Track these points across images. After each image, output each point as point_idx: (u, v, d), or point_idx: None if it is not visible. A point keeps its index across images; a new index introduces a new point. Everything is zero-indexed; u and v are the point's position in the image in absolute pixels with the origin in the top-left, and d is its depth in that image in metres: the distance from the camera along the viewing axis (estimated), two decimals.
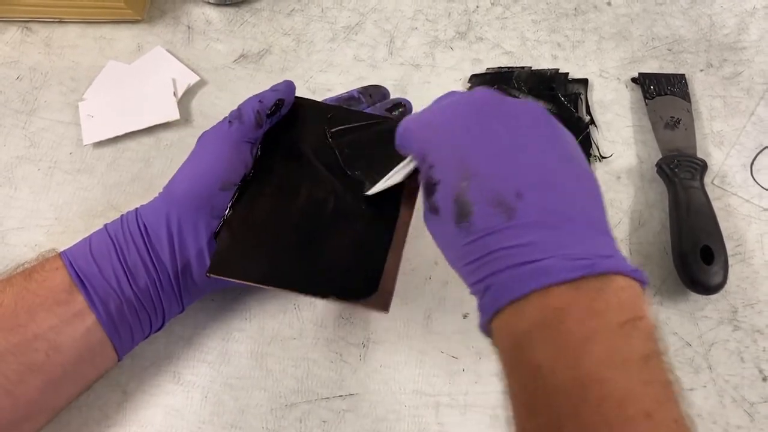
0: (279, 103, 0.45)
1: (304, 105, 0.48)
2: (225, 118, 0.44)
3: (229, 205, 0.43)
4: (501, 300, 0.30)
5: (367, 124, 0.47)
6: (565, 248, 0.29)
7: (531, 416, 0.28)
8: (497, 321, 0.31)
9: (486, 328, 0.32)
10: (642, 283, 0.30)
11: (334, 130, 0.47)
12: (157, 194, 0.44)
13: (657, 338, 0.28)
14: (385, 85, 0.52)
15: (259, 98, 0.44)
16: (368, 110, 0.50)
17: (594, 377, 0.27)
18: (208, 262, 0.42)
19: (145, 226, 0.42)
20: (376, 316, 0.49)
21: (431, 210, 0.34)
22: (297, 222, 0.44)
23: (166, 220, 0.41)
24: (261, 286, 0.42)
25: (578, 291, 0.28)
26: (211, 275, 0.42)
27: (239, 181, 0.44)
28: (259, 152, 0.46)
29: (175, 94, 0.58)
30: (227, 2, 0.64)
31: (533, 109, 0.35)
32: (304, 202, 0.45)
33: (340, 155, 0.46)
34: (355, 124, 0.47)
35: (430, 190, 0.34)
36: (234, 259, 0.42)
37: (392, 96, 0.52)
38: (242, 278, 0.42)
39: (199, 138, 0.44)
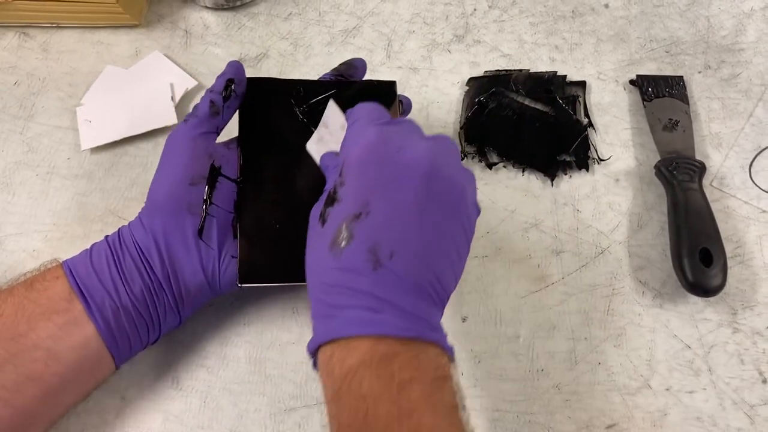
0: (229, 84, 0.45)
1: (272, 87, 0.48)
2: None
3: (204, 200, 0.43)
4: (340, 331, 0.33)
5: (335, 92, 0.48)
6: (404, 311, 0.34)
7: None
8: (329, 347, 0.34)
9: (314, 348, 0.35)
10: (451, 357, 0.35)
11: (304, 107, 0.48)
12: None
13: (461, 396, 0.34)
14: None
15: (209, 89, 0.45)
16: None
17: (412, 410, 0.31)
18: (195, 260, 0.42)
19: (136, 238, 0.42)
20: None
21: (320, 218, 0.37)
22: (304, 211, 0.44)
23: (150, 228, 0.42)
24: (293, 284, 0.43)
25: (404, 346, 0.33)
26: (243, 285, 0.43)
27: (207, 174, 0.44)
28: (242, 153, 0.46)
29: (173, 98, 0.58)
30: (225, 6, 0.64)
31: (463, 186, 0.37)
32: (303, 190, 0.45)
33: (313, 129, 0.46)
34: (323, 96, 0.48)
35: (330, 200, 0.37)
36: (259, 264, 0.43)
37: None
38: (273, 281, 0.43)
39: (165, 143, 0.45)
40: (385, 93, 0.49)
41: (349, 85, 0.49)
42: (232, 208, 0.44)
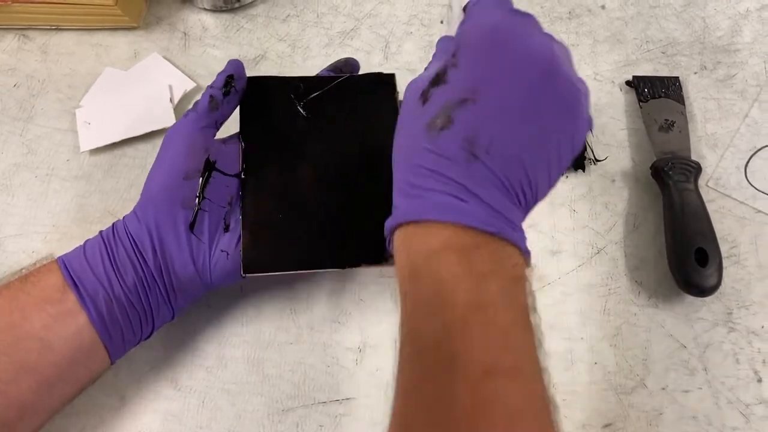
0: (229, 80, 0.46)
1: (272, 84, 0.48)
2: None
3: (198, 194, 0.44)
4: (426, 213, 0.33)
5: (334, 85, 0.49)
6: (490, 207, 0.32)
7: (429, 317, 0.31)
8: (411, 226, 0.33)
9: (394, 225, 0.34)
10: (528, 259, 0.34)
11: (304, 101, 0.48)
12: None
13: (534, 299, 0.33)
14: None
15: (209, 85, 0.46)
16: None
17: (488, 303, 0.31)
18: (187, 253, 0.43)
19: (129, 230, 0.42)
20: (372, 320, 0.49)
21: (422, 96, 0.35)
22: (306, 202, 0.45)
23: (144, 221, 0.42)
24: (296, 272, 0.44)
25: (487, 239, 0.32)
26: (247, 275, 0.43)
27: (202, 168, 0.44)
28: (243, 147, 0.46)
29: (171, 100, 0.58)
30: (223, 8, 0.65)
31: (575, 95, 0.35)
32: (305, 182, 0.46)
33: (317, 125, 0.48)
34: (324, 90, 0.49)
35: (436, 80, 0.35)
36: (263, 254, 0.43)
37: None
38: (276, 269, 0.44)
39: (163, 138, 0.45)
40: (384, 86, 0.50)
41: (348, 79, 0.50)
42: (224, 203, 0.45)
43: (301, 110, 0.48)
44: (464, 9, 0.40)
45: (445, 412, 0.29)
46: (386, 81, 0.50)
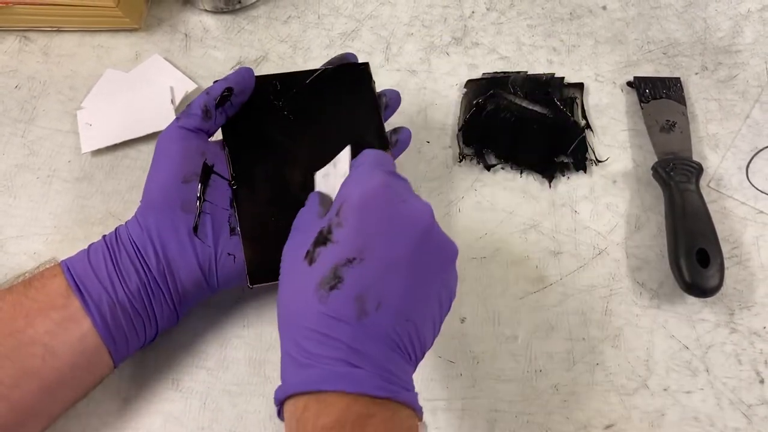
0: (226, 93, 0.45)
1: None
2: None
3: (198, 198, 0.44)
4: (317, 384, 0.33)
5: (311, 80, 0.49)
6: (382, 369, 0.33)
7: None
8: (302, 398, 0.34)
9: (284, 396, 0.35)
10: (420, 417, 0.35)
11: (283, 100, 0.48)
12: None
13: None
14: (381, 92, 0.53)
15: (206, 90, 0.46)
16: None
17: None
18: (190, 257, 0.43)
19: (132, 236, 0.42)
20: None
21: (307, 256, 0.36)
22: (300, 205, 0.45)
23: (145, 226, 0.42)
24: None
25: (380, 406, 0.33)
26: (254, 286, 0.43)
27: (200, 171, 0.44)
28: (229, 153, 0.46)
29: (172, 101, 0.58)
30: (224, 10, 0.65)
31: (451, 252, 0.38)
32: (296, 184, 0.46)
33: (299, 122, 0.48)
34: (301, 86, 0.49)
35: (321, 241, 0.36)
36: (267, 263, 0.43)
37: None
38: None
39: (157, 142, 0.45)
40: (359, 75, 0.50)
41: (323, 72, 0.50)
42: (227, 205, 0.45)
43: (281, 109, 0.48)
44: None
45: None
46: (361, 70, 0.50)
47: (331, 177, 0.43)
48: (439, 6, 0.66)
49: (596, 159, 0.56)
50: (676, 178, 0.52)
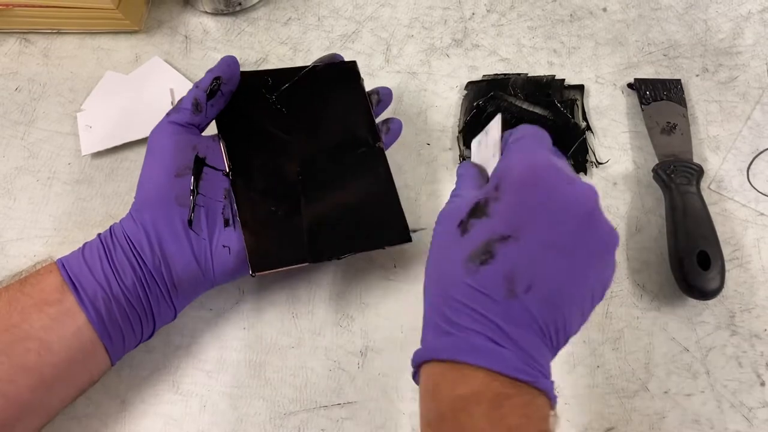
0: (215, 83, 0.46)
1: (245, 79, 0.49)
2: None
3: (192, 191, 0.44)
4: (458, 354, 0.32)
5: (302, 76, 0.50)
6: (524, 351, 0.32)
7: None
8: (439, 365, 0.33)
9: (421, 360, 0.34)
10: (554, 407, 0.34)
11: (276, 94, 0.49)
12: None
13: None
14: None
15: (195, 84, 0.46)
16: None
17: None
18: (186, 250, 0.43)
19: (127, 232, 0.42)
20: (374, 324, 0.49)
21: (461, 225, 0.35)
22: (299, 193, 0.46)
23: (140, 222, 0.42)
24: (302, 265, 0.44)
25: (518, 389, 0.32)
26: (255, 274, 0.43)
27: (192, 164, 0.44)
28: (225, 145, 0.46)
29: (172, 103, 0.58)
30: (224, 12, 0.65)
31: (611, 240, 0.35)
32: (292, 173, 0.47)
33: (292, 116, 0.49)
34: (292, 81, 0.50)
35: (477, 211, 0.35)
36: (267, 252, 0.44)
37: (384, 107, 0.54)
38: (284, 264, 0.44)
39: (149, 138, 0.46)
40: (348, 72, 0.52)
41: (314, 69, 0.51)
42: (220, 196, 0.45)
43: (274, 103, 0.49)
44: (501, 139, 0.41)
45: None
46: (350, 68, 0.52)
47: (482, 145, 0.43)
48: (439, 8, 0.66)
49: (597, 161, 0.56)
50: (677, 180, 0.52)
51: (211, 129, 0.48)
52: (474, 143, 0.45)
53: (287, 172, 0.47)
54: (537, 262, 0.33)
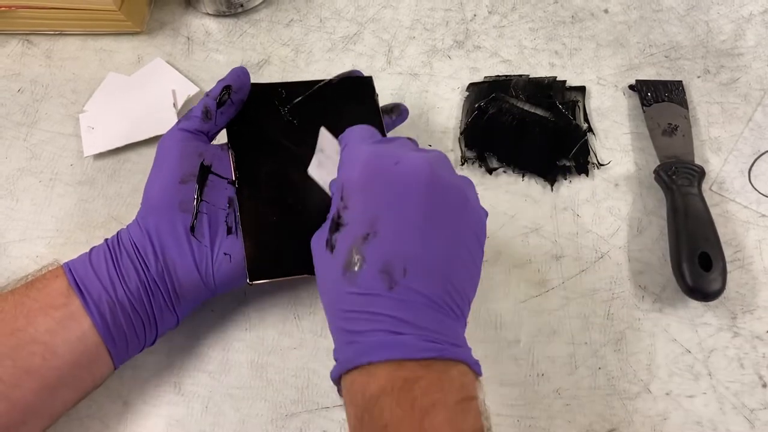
0: (225, 91, 0.46)
1: (256, 91, 0.49)
2: None
3: (195, 198, 0.44)
4: (360, 358, 0.33)
5: (316, 89, 0.50)
6: (425, 330, 0.33)
7: None
8: (350, 374, 0.34)
9: (336, 376, 0.35)
10: (478, 373, 0.35)
11: (289, 106, 0.49)
12: None
13: (486, 417, 0.33)
14: (382, 95, 0.53)
15: (207, 93, 0.47)
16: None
17: None
18: (188, 257, 0.43)
19: (132, 237, 0.43)
20: None
21: (327, 245, 0.37)
22: (302, 207, 0.46)
23: (145, 227, 0.43)
24: (300, 276, 0.44)
25: (427, 368, 0.33)
26: (253, 283, 0.43)
27: (197, 172, 0.45)
28: (234, 154, 0.46)
29: (175, 105, 0.58)
30: (226, 13, 0.65)
31: (461, 192, 0.37)
32: (298, 185, 0.46)
33: (303, 129, 0.49)
34: (306, 94, 0.50)
35: (334, 228, 0.37)
36: (266, 261, 0.44)
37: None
38: (282, 275, 0.44)
39: (157, 146, 0.46)
40: (362, 88, 0.51)
41: (328, 84, 0.51)
42: (224, 204, 0.45)
43: (286, 115, 0.49)
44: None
45: None
46: (365, 83, 0.52)
47: (324, 164, 0.43)
48: (440, 9, 0.66)
49: (598, 162, 0.56)
50: (679, 182, 0.52)
51: (221, 138, 0.48)
52: (312, 168, 0.44)
53: (293, 184, 0.46)
54: (402, 246, 0.34)
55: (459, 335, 0.35)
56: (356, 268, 0.34)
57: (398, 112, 0.53)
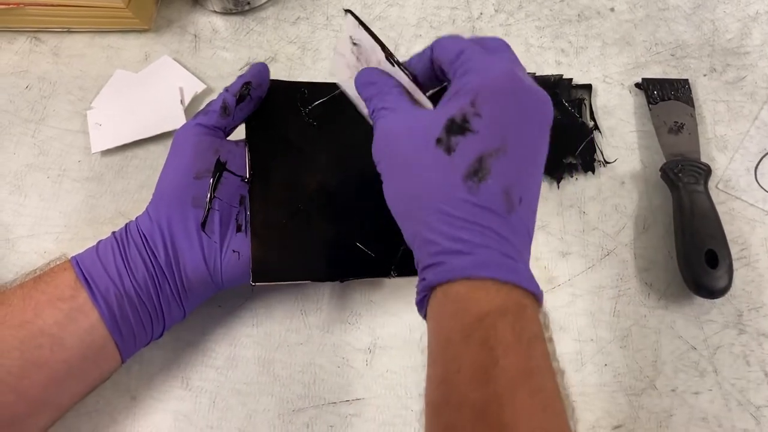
0: (245, 87, 0.46)
1: (278, 88, 0.48)
2: None
3: (207, 202, 0.44)
4: (481, 271, 0.32)
5: (340, 92, 0.49)
6: (527, 264, 0.34)
7: (477, 386, 0.30)
8: (456, 285, 0.33)
9: (437, 282, 0.33)
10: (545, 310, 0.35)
11: (309, 108, 0.49)
12: None
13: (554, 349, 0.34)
14: None
15: (226, 88, 0.46)
16: None
17: (537, 369, 0.31)
18: (198, 252, 0.43)
19: (141, 228, 0.43)
20: (381, 321, 0.49)
21: (440, 143, 0.34)
22: (314, 211, 0.45)
23: (156, 219, 0.43)
24: (303, 282, 0.44)
25: (530, 300, 0.33)
26: (256, 284, 0.43)
27: (212, 168, 0.45)
28: (249, 152, 0.46)
29: (182, 102, 0.58)
30: (233, 11, 0.65)
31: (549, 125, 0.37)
32: (312, 190, 0.46)
33: (322, 133, 0.48)
34: (328, 96, 0.49)
35: (457, 130, 0.34)
36: (271, 263, 0.44)
37: None
38: (285, 279, 0.44)
39: (173, 138, 0.46)
40: None
41: None
42: (236, 202, 0.45)
43: (306, 117, 0.48)
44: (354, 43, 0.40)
45: None
46: None
47: (358, 55, 0.42)
48: (447, 7, 0.66)
49: (604, 160, 0.56)
50: (685, 180, 0.52)
51: (237, 134, 0.48)
52: (339, 56, 0.41)
53: (306, 187, 0.46)
54: (525, 174, 0.34)
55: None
56: (480, 180, 0.33)
57: None
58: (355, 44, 0.42)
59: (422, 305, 0.35)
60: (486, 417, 0.29)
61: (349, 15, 0.41)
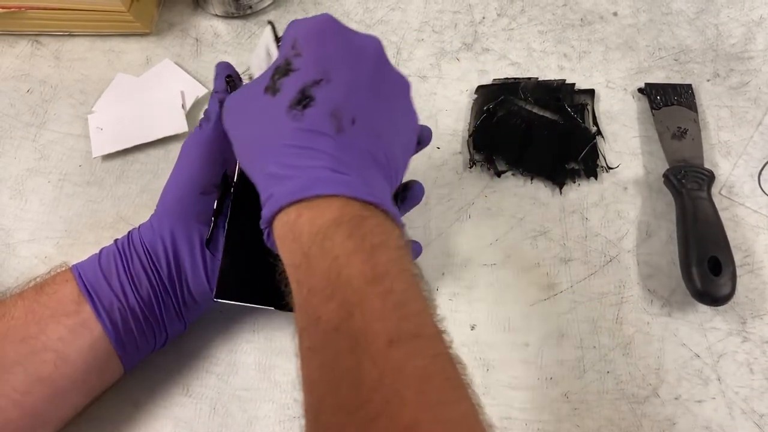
0: (229, 81, 0.46)
1: None
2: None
3: (212, 220, 0.43)
4: (309, 190, 0.32)
5: None
6: (367, 180, 0.34)
7: (326, 301, 0.31)
8: (294, 208, 0.33)
9: (274, 212, 0.34)
10: (405, 232, 0.35)
11: None
12: None
13: (419, 268, 0.34)
14: None
15: (213, 91, 0.46)
16: None
17: (383, 274, 0.31)
18: (200, 269, 0.43)
19: (145, 240, 0.42)
20: None
21: (268, 90, 0.36)
22: None
23: (159, 232, 0.42)
24: (264, 307, 0.43)
25: (371, 211, 0.33)
26: (217, 300, 0.42)
27: (219, 183, 0.44)
28: (239, 167, 0.45)
29: (183, 106, 0.58)
30: (235, 15, 0.65)
31: (404, 84, 0.39)
32: None
33: None
34: None
35: (282, 72, 0.36)
36: (237, 282, 0.43)
37: None
38: (247, 301, 0.43)
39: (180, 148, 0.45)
40: None
41: None
42: None
43: None
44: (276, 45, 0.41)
45: (354, 389, 0.28)
46: None
47: (259, 59, 0.43)
48: (449, 12, 0.66)
49: (607, 166, 0.56)
50: (688, 186, 0.51)
51: None
52: (256, 57, 0.43)
53: None
54: (353, 98, 0.35)
55: (390, 197, 0.36)
56: (305, 107, 0.34)
57: (404, 196, 0.46)
58: (268, 55, 0.42)
59: (269, 241, 0.36)
60: (339, 329, 0.29)
61: (269, 26, 0.43)
